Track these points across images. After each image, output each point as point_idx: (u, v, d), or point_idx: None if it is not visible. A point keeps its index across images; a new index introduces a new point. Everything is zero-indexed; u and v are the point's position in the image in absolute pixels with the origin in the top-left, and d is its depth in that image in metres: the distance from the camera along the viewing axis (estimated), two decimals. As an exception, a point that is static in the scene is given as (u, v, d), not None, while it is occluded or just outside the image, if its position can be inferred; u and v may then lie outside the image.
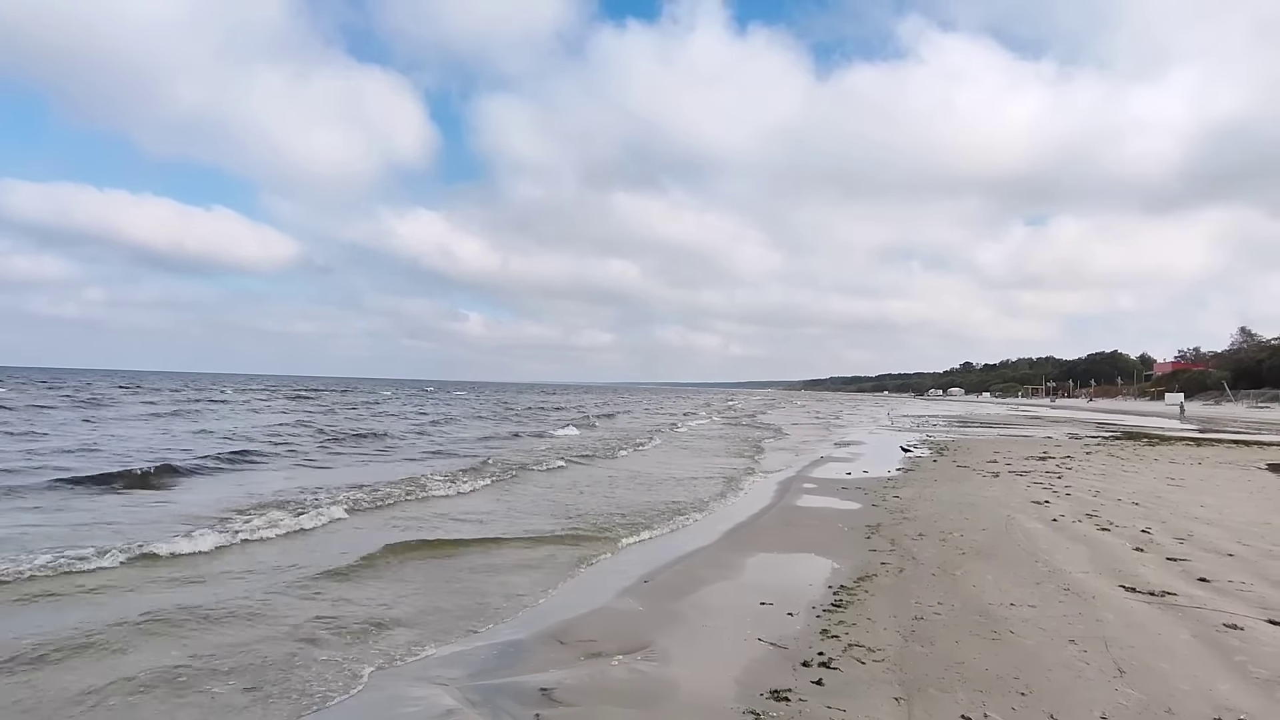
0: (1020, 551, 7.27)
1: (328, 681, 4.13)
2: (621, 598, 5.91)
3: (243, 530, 7.76)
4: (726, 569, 6.82)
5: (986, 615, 5.25)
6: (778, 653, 4.60)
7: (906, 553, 7.29)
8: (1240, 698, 3.81)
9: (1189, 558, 7.01)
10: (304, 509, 9.00)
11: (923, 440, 24.16)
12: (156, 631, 4.81)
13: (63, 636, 4.61)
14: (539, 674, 4.28)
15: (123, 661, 4.32)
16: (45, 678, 4.07)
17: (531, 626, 5.19)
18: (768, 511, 10.12)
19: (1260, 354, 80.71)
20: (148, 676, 4.11)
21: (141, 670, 4.19)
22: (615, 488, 12.24)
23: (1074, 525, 8.66)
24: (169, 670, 4.19)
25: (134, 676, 4.10)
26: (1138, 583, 6.06)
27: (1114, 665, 4.27)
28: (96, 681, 4.02)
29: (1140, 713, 3.64)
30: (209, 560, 6.77)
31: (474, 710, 3.81)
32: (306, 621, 5.08)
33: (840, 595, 5.85)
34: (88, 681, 4.02)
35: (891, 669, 4.29)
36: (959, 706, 3.75)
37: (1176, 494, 11.46)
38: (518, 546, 7.67)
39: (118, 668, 4.22)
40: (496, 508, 10.12)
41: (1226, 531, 8.31)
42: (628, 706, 3.83)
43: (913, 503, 10.50)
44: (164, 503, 9.87)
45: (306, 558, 6.93)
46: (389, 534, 8.03)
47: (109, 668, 4.22)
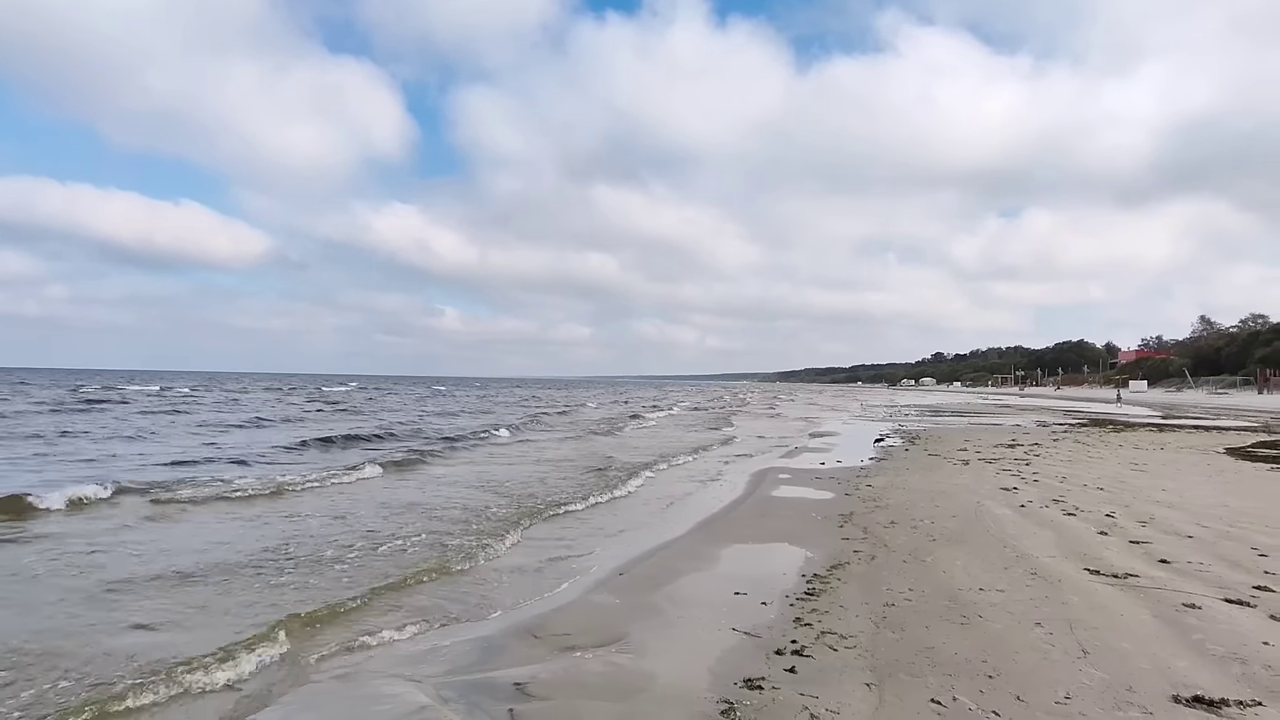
0: (989, 537, 7.40)
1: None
2: (596, 590, 5.91)
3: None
4: (701, 560, 6.84)
5: (956, 600, 5.34)
6: (752, 642, 4.64)
7: (878, 540, 7.39)
8: (1197, 674, 3.92)
9: (1151, 540, 7.19)
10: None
11: (895, 430, 24.49)
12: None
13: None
14: (513, 669, 4.26)
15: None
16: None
17: (505, 621, 5.17)
18: (743, 502, 10.18)
19: (1219, 342, 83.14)
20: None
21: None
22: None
23: (1041, 511, 8.84)
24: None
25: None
26: (1102, 565, 6.20)
27: (1078, 646, 4.36)
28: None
29: (1103, 692, 3.73)
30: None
31: (447, 706, 3.78)
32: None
33: (813, 584, 5.90)
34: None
35: (863, 655, 4.34)
36: (929, 690, 3.81)
37: (1139, 479, 11.76)
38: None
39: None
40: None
41: (1186, 514, 8.55)
42: (603, 699, 3.83)
43: (885, 491, 10.64)
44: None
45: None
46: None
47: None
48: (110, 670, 4.14)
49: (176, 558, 6.69)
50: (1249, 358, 70.00)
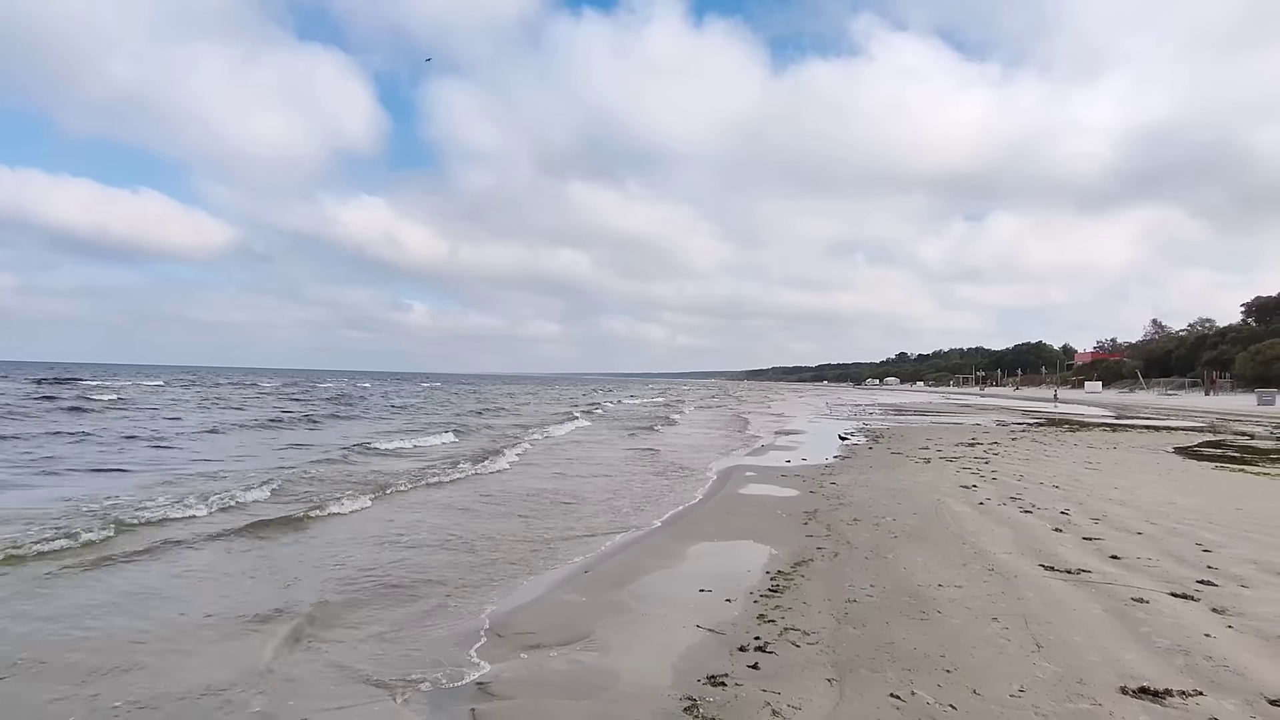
0: (949, 534, 7.55)
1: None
2: (561, 588, 5.88)
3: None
4: (667, 557, 6.86)
5: (916, 596, 5.44)
6: (716, 639, 4.66)
7: (841, 538, 7.49)
8: (1143, 666, 4.05)
9: (1103, 537, 7.41)
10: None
11: (859, 428, 24.86)
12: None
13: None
14: (475, 668, 4.22)
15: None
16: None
17: (468, 620, 5.11)
18: (709, 500, 10.23)
19: (1170, 345, 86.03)
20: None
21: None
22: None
23: (999, 508, 9.05)
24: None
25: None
26: (1056, 562, 6.37)
27: (1033, 640, 4.48)
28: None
29: (1055, 684, 3.83)
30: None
31: (407, 707, 3.73)
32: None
33: (777, 581, 5.96)
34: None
35: (825, 651, 4.39)
36: (888, 685, 3.88)
37: (1093, 477, 12.12)
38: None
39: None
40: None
41: (1137, 511, 8.83)
42: (566, 697, 3.82)
43: (849, 489, 10.79)
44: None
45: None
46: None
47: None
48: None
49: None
50: (1197, 360, 72.60)
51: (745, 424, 27.70)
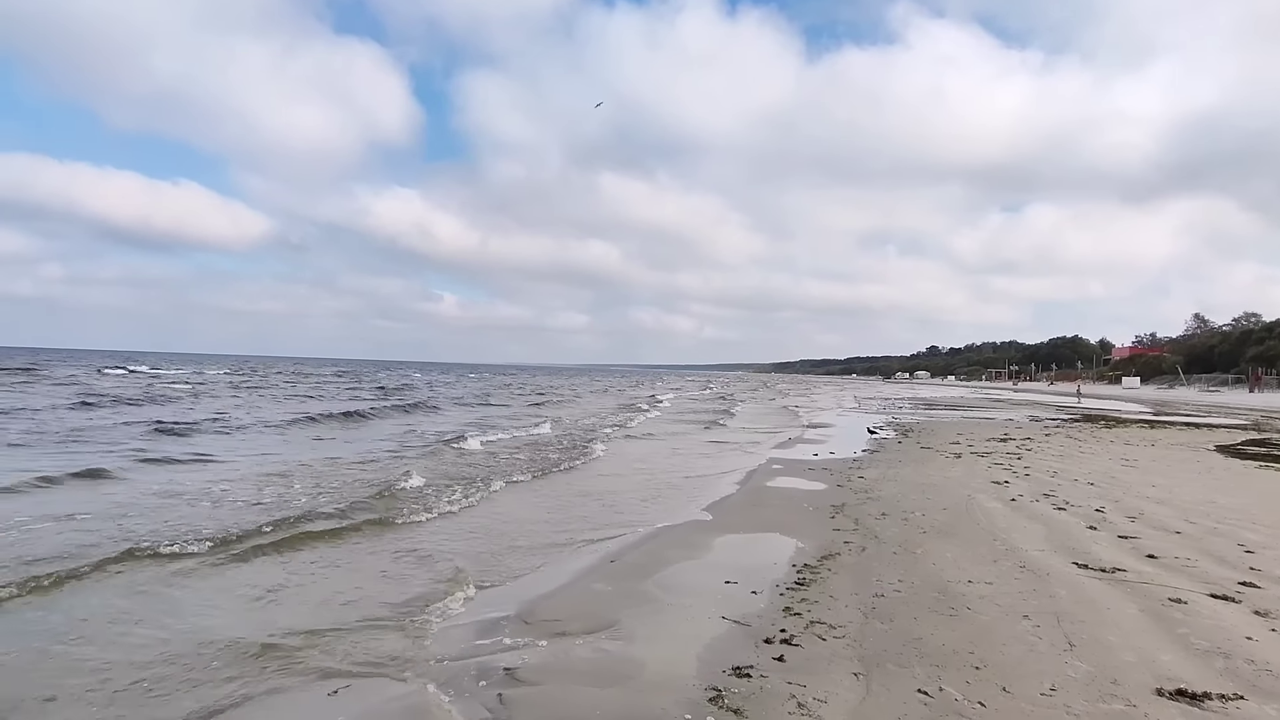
0: (979, 530, 7.44)
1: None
2: (587, 577, 5.92)
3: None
4: (693, 549, 6.87)
5: (945, 592, 5.37)
6: (741, 630, 4.66)
7: (869, 532, 7.42)
8: (1180, 668, 3.96)
9: (1139, 535, 7.24)
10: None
11: (889, 422, 24.57)
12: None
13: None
14: (502, 654, 4.27)
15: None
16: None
17: (496, 607, 5.18)
18: (736, 492, 10.20)
19: (1212, 340, 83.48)
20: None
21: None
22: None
23: (1032, 505, 8.89)
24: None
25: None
26: (1090, 560, 6.24)
27: (1065, 639, 4.40)
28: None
29: (1088, 684, 3.77)
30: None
31: (438, 690, 3.79)
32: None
33: (804, 574, 5.93)
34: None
35: (851, 645, 4.37)
36: (915, 680, 3.84)
37: (1130, 474, 11.84)
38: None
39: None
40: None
41: (1175, 510, 8.61)
42: (591, 685, 3.85)
43: (877, 483, 10.68)
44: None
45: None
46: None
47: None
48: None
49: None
50: (1241, 356, 70.31)
51: (796, 415, 28.43)
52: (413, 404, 28.52)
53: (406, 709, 3.59)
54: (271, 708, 3.65)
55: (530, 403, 32.36)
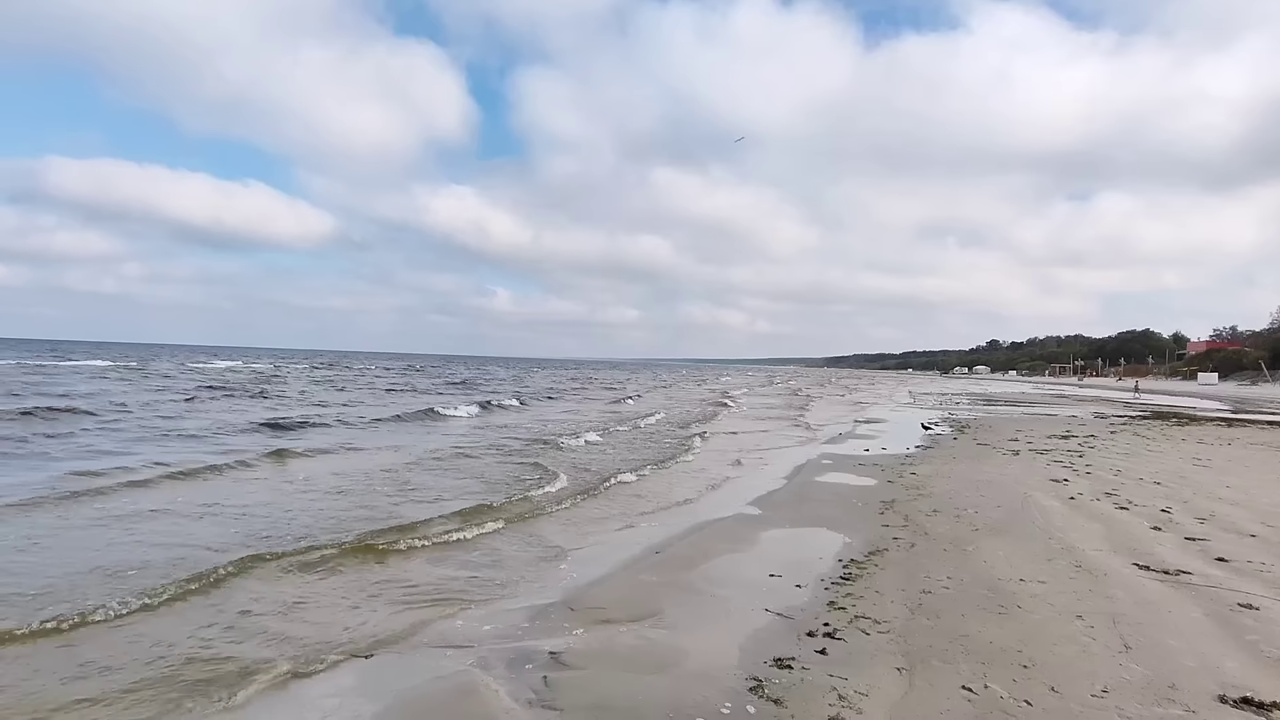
0: (1034, 529, 7.23)
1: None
2: (632, 568, 6.00)
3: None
4: (738, 542, 6.88)
5: (995, 590, 5.26)
6: (784, 623, 4.67)
7: (919, 528, 7.30)
8: (1247, 675, 3.80)
9: (1209, 538, 6.92)
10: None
11: (945, 418, 23.95)
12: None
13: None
14: (549, 639, 4.39)
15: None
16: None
17: (543, 595, 5.31)
18: (784, 487, 10.14)
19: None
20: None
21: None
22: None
23: (1092, 504, 8.58)
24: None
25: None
26: (1152, 561, 6.01)
27: (1120, 641, 4.27)
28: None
29: (1143, 687, 3.65)
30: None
31: (484, 673, 3.92)
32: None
33: (850, 569, 5.89)
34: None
35: (896, 640, 4.33)
36: (960, 677, 3.79)
37: (1201, 474, 11.28)
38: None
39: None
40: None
41: (1251, 513, 8.18)
42: (633, 671, 3.93)
43: (929, 479, 10.46)
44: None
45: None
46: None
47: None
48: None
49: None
50: (1334, 351, 65.87)
51: (865, 407, 29.33)
52: (532, 396, 31.69)
53: (455, 687, 3.73)
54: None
55: (612, 400, 32.46)
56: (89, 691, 3.58)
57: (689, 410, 26.27)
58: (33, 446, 11.55)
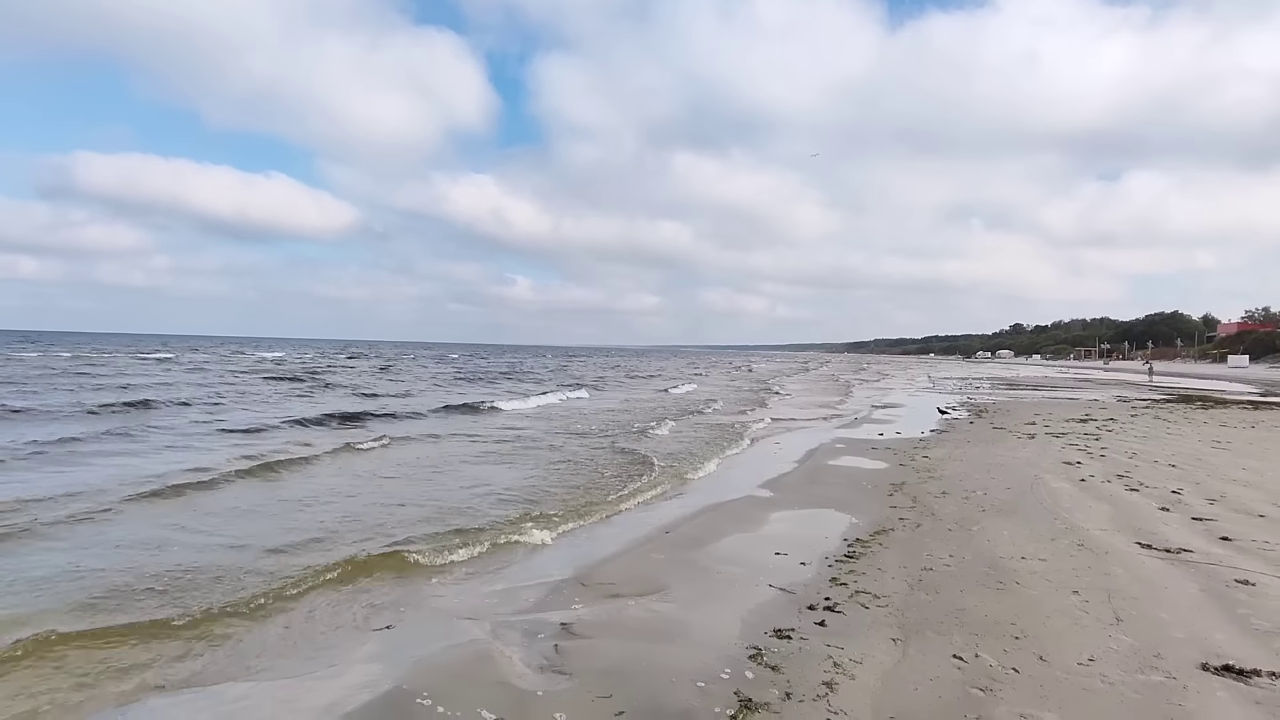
0: (1041, 509, 7.33)
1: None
2: (642, 546, 6.21)
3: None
4: (746, 522, 7.06)
5: (995, 567, 5.40)
6: (786, 597, 4.85)
7: (926, 509, 7.42)
8: (1233, 646, 3.92)
9: (1216, 518, 6.97)
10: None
11: (963, 403, 23.86)
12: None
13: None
14: (560, 611, 4.62)
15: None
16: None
17: (555, 570, 5.54)
18: (795, 469, 10.30)
19: (1335, 314, 76.34)
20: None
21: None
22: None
23: (1103, 485, 8.63)
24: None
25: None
26: (1155, 540, 6.10)
27: (1113, 614, 4.39)
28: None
29: (1129, 656, 3.79)
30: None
31: (498, 641, 4.16)
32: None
33: (854, 547, 6.05)
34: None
35: (894, 614, 4.50)
36: (953, 647, 3.95)
37: (1218, 457, 11.24)
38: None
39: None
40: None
41: (1263, 494, 8.19)
42: (639, 640, 4.14)
43: (941, 462, 10.55)
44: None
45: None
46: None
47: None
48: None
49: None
50: (1370, 332, 64.18)
51: (886, 392, 30.14)
52: (602, 379, 34.86)
53: (471, 655, 3.96)
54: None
55: (657, 389, 32.52)
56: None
57: (740, 396, 26.66)
58: (175, 432, 12.98)
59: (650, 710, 3.34)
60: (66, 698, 3.53)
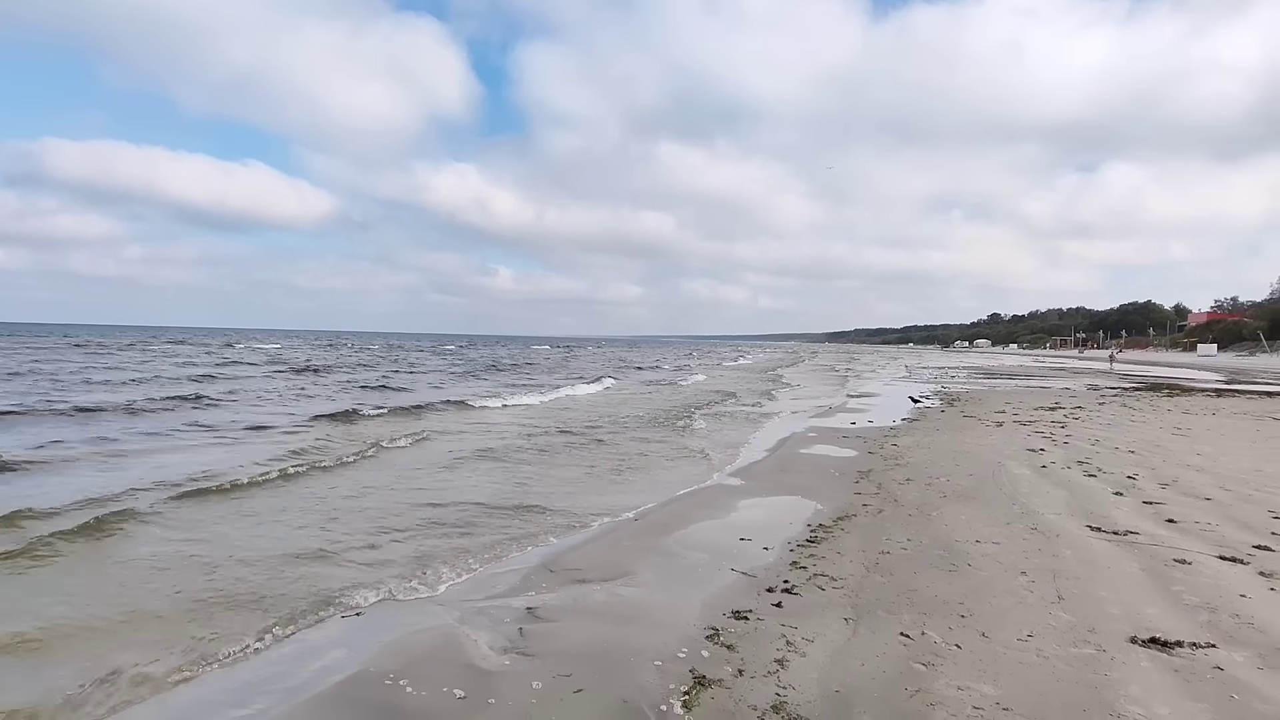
0: (1000, 495, 7.57)
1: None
2: (610, 533, 6.36)
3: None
4: (714, 509, 7.23)
5: (950, 550, 5.60)
6: (747, 581, 5.02)
7: (890, 496, 7.64)
8: (1163, 620, 4.14)
9: (1166, 501, 7.25)
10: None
11: (937, 391, 24.27)
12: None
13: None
14: (527, 596, 4.75)
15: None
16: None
17: (524, 558, 5.66)
18: (766, 458, 10.49)
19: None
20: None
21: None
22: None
23: (1062, 472, 8.91)
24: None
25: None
26: (1105, 523, 6.34)
27: (1055, 593, 4.61)
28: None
29: (1065, 632, 3.99)
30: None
31: (465, 626, 4.28)
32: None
33: (817, 533, 6.23)
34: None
35: (848, 595, 4.67)
36: (901, 625, 4.14)
37: (1177, 443, 11.60)
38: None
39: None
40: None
41: (1213, 478, 8.51)
42: (601, 623, 4.28)
43: (909, 450, 10.80)
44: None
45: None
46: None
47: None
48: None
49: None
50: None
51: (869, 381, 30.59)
52: (622, 367, 37.07)
53: (437, 638, 4.08)
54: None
55: (668, 379, 32.38)
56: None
57: (753, 388, 26.87)
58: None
59: (607, 687, 3.48)
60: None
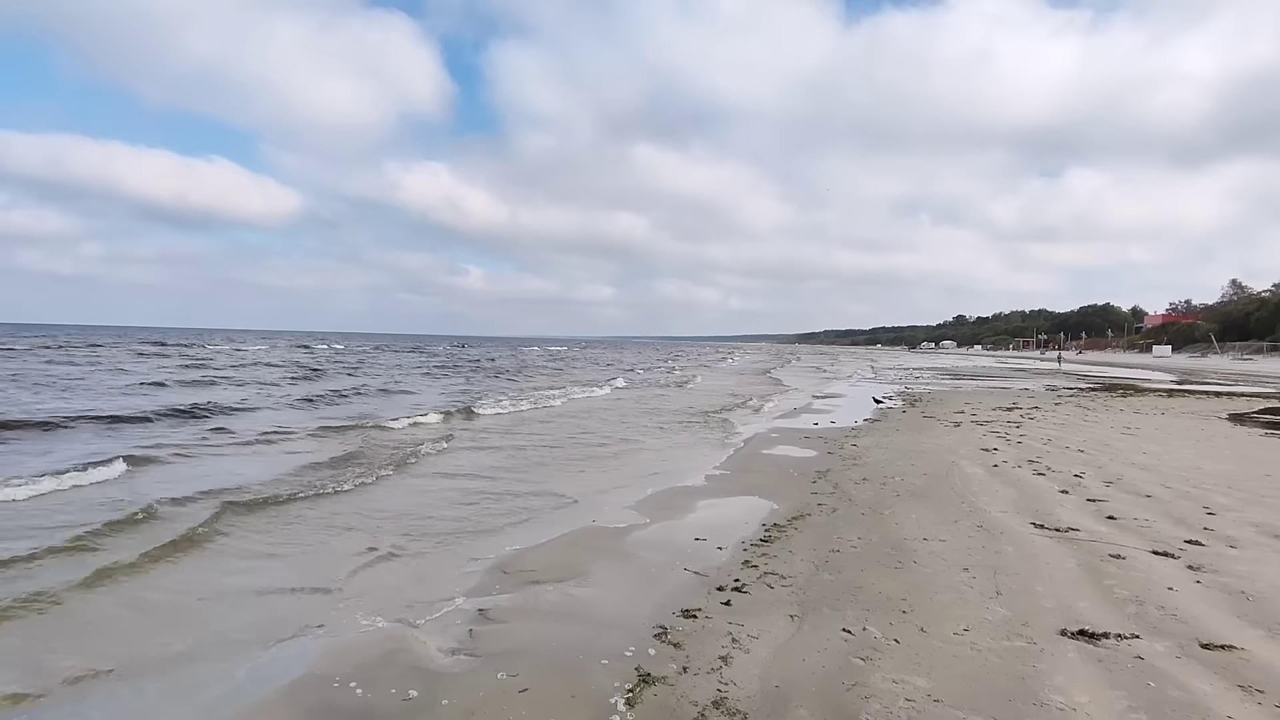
0: (951, 494, 7.77)
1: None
2: (568, 534, 6.39)
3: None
4: (674, 510, 7.30)
5: (898, 548, 5.75)
6: (699, 580, 5.10)
7: (845, 495, 7.79)
8: (1092, 613, 4.31)
9: (1108, 499, 7.51)
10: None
11: (900, 392, 24.70)
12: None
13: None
14: (479, 598, 4.76)
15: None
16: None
17: (479, 560, 5.67)
18: (729, 458, 10.60)
19: (1249, 306, 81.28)
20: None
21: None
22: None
23: (1013, 471, 9.17)
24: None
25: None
26: (1048, 520, 6.56)
27: (994, 589, 4.76)
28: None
29: (999, 625, 4.14)
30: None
31: (415, 631, 4.28)
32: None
33: (771, 532, 6.34)
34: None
35: (796, 592, 4.78)
36: (844, 621, 4.25)
37: (1125, 442, 11.99)
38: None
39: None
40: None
41: (1156, 476, 8.83)
42: (551, 623, 4.32)
43: (867, 450, 11.00)
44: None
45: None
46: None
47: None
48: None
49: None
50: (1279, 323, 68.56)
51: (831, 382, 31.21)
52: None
53: (386, 641, 4.09)
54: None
55: (675, 383, 32.29)
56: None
57: (753, 390, 26.51)
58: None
59: (553, 686, 3.53)
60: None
